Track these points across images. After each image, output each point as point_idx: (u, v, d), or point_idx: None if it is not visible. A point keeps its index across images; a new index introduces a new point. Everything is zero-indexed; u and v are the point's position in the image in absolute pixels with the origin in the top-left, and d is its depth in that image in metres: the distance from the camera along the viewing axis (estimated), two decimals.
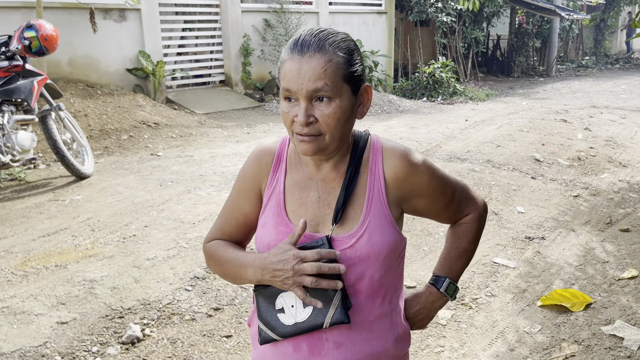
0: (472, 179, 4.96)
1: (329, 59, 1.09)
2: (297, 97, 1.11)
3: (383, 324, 1.23)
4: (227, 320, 2.71)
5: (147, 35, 7.93)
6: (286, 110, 1.13)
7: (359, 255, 1.16)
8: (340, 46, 1.12)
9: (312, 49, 1.09)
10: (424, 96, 10.99)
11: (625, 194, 4.83)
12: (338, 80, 1.10)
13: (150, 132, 6.62)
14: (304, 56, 1.09)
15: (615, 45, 22.91)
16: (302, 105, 1.10)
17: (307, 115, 1.10)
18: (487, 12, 13.48)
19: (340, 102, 1.11)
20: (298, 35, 1.13)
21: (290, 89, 1.11)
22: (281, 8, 9.48)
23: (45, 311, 2.68)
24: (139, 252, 3.31)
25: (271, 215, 1.23)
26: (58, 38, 4.61)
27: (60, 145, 4.51)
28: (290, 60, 1.11)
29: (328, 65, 1.09)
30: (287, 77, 1.11)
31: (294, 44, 1.12)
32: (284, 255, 1.11)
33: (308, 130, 1.11)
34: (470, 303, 3.00)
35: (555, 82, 14.60)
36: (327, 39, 1.12)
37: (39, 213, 4.01)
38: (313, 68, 1.09)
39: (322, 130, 1.12)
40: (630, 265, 3.41)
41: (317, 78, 1.08)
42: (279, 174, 1.25)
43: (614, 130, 7.54)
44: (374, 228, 1.17)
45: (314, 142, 1.13)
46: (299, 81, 1.09)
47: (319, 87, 1.09)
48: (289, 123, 1.14)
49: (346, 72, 1.12)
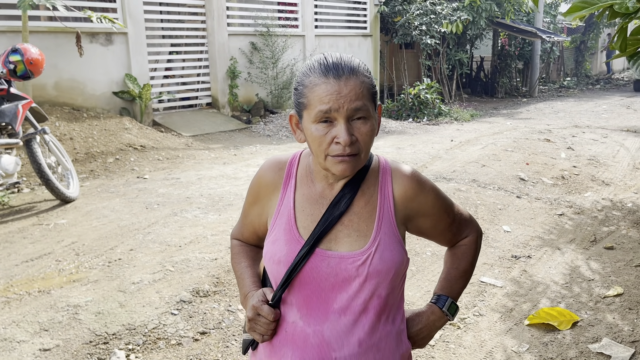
0: (459, 198, 5.00)
1: (362, 80, 1.15)
2: (335, 118, 1.14)
3: (389, 343, 1.25)
4: (214, 345, 2.68)
5: (134, 58, 7.96)
6: (322, 133, 1.15)
7: (371, 272, 1.19)
8: (366, 69, 1.19)
9: (347, 72, 1.14)
10: (410, 117, 11.10)
11: (609, 212, 4.90)
12: (369, 101, 1.16)
13: (136, 155, 6.60)
14: (341, 78, 1.13)
15: (596, 66, 23.42)
16: (342, 125, 1.13)
17: (350, 134, 1.13)
18: (470, 35, 13.74)
19: (372, 120, 1.17)
20: (324, 61, 1.17)
21: (330, 110, 1.13)
22: (267, 31, 9.58)
23: (28, 338, 2.63)
24: (125, 276, 3.27)
25: (282, 231, 1.24)
26: (43, 62, 4.61)
27: (45, 168, 4.47)
28: (326, 84, 1.13)
29: (363, 86, 1.15)
30: (325, 99, 1.13)
31: (326, 69, 1.15)
32: (250, 308, 1.26)
33: (350, 150, 1.14)
34: (458, 323, 3.00)
35: (538, 102, 14.85)
36: (354, 61, 1.17)
37: (22, 238, 3.95)
38: (352, 89, 1.13)
39: (360, 149, 1.16)
40: (616, 282, 3.44)
41: (357, 98, 1.13)
42: (288, 190, 1.27)
43: (596, 149, 7.66)
44: (385, 246, 1.20)
45: (352, 161, 1.16)
46: (340, 102, 1.12)
47: (359, 106, 1.14)
48: (326, 144, 1.15)
49: (372, 92, 1.18)
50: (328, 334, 1.20)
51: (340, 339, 1.19)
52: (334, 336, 1.19)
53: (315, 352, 1.20)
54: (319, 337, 1.20)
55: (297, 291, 1.21)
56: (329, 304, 1.20)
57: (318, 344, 1.19)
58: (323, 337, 1.19)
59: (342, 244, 1.20)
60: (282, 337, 1.24)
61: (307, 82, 1.16)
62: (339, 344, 1.19)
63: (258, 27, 9.63)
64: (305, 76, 1.17)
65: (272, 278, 1.27)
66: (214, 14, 9.05)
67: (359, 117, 1.14)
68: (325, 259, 1.19)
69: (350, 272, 1.18)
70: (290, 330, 1.22)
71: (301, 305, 1.22)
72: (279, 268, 1.22)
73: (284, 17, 10.43)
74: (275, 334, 1.25)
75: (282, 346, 1.24)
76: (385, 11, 12.43)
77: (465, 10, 12.79)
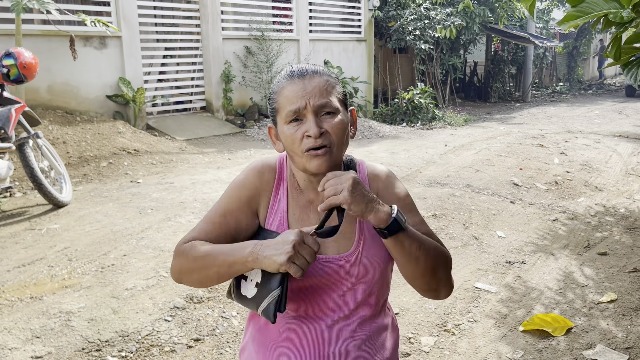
0: (453, 203, 5.01)
1: (326, 79, 1.22)
2: (304, 115, 1.18)
3: (382, 334, 1.30)
4: (208, 352, 2.66)
5: (128, 62, 7.93)
6: (293, 131, 1.18)
7: (361, 272, 1.23)
8: (330, 73, 1.26)
9: (310, 72, 1.21)
10: (404, 122, 11.13)
11: (602, 218, 4.92)
12: (336, 99, 1.21)
13: (130, 159, 6.56)
14: (305, 78, 1.20)
15: (588, 71, 23.59)
16: (310, 119, 1.17)
17: (318, 126, 1.17)
18: (463, 40, 13.81)
19: (342, 116, 1.21)
20: (290, 68, 1.24)
21: (298, 108, 1.17)
22: (262, 36, 9.58)
23: (20, 345, 2.60)
24: (118, 282, 3.25)
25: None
26: (37, 66, 4.59)
27: (38, 173, 4.44)
28: (291, 84, 1.20)
29: (327, 84, 1.21)
30: (292, 98, 1.18)
31: (291, 72, 1.22)
32: (289, 235, 1.10)
33: (321, 141, 1.17)
34: (453, 329, 2.99)
35: (531, 107, 14.93)
36: (320, 68, 1.24)
37: (14, 243, 3.92)
38: (316, 85, 1.19)
39: (331, 141, 1.18)
40: (609, 288, 3.45)
41: (321, 94, 1.18)
42: (281, 194, 1.29)
43: (589, 154, 7.71)
44: (370, 244, 1.25)
45: (325, 155, 1.17)
46: (306, 98, 1.17)
47: (325, 102, 1.18)
48: (298, 142, 1.18)
49: (340, 93, 1.23)
50: (323, 330, 1.23)
51: (335, 334, 1.23)
52: (329, 332, 1.23)
53: (312, 348, 1.23)
54: (315, 334, 1.23)
55: (291, 295, 1.23)
56: (323, 303, 1.24)
57: (314, 340, 1.22)
58: (319, 333, 1.23)
59: (330, 247, 1.24)
60: (276, 338, 1.26)
61: (276, 88, 1.24)
62: (334, 339, 1.23)
63: (252, 31, 9.63)
64: (274, 85, 1.25)
65: None
66: (209, 17, 9.04)
67: (327, 112, 1.19)
68: (318, 263, 1.22)
69: (342, 274, 1.23)
70: (284, 330, 1.25)
71: (295, 307, 1.24)
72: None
73: (278, 22, 10.44)
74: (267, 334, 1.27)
75: (276, 347, 1.26)
76: (379, 16, 12.47)
77: (458, 15, 12.85)
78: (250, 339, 1.32)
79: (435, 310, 3.18)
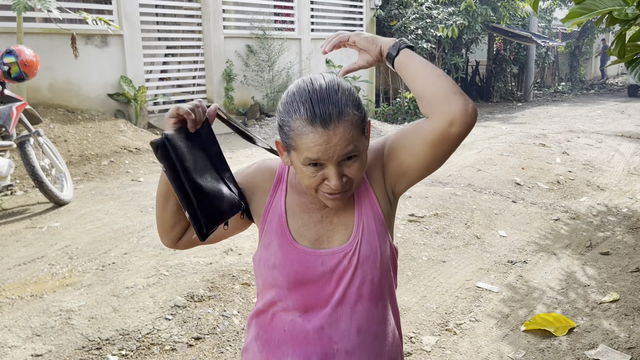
0: (454, 202, 4.99)
1: (351, 122, 1.11)
2: (325, 162, 1.12)
3: (386, 328, 1.28)
4: (209, 350, 2.66)
5: (129, 60, 7.93)
6: (312, 175, 1.14)
7: (361, 259, 1.21)
8: (352, 101, 1.13)
9: (334, 117, 1.09)
10: (405, 121, 11.11)
11: (604, 217, 4.90)
12: (359, 137, 1.14)
13: (131, 158, 6.56)
14: (329, 128, 1.09)
15: (590, 71, 23.54)
16: (332, 170, 1.12)
17: (340, 178, 1.13)
18: (465, 39, 13.78)
19: (363, 153, 1.16)
20: (309, 104, 1.09)
21: (319, 159, 1.11)
22: (264, 34, 9.57)
23: (20, 343, 2.59)
24: (118, 280, 3.24)
25: (274, 235, 1.25)
26: (38, 64, 4.58)
27: (39, 171, 4.44)
28: (314, 133, 1.09)
29: (352, 129, 1.11)
30: (314, 149, 1.10)
31: (313, 116, 1.08)
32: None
33: (341, 188, 1.15)
34: (454, 329, 2.98)
35: (533, 107, 14.90)
36: (340, 99, 1.10)
37: (15, 241, 3.92)
38: (341, 137, 1.10)
39: (352, 185, 1.17)
40: (611, 288, 3.44)
41: (347, 144, 1.11)
42: (279, 194, 1.28)
43: (591, 154, 7.68)
44: (369, 230, 1.22)
45: (344, 195, 1.17)
46: (330, 152, 1.10)
47: (350, 151, 1.12)
48: (316, 183, 1.15)
49: (362, 126, 1.15)
50: (328, 327, 1.22)
51: (340, 330, 1.22)
52: (333, 328, 1.21)
53: (317, 346, 1.22)
54: (319, 331, 1.21)
55: (295, 293, 1.22)
56: (327, 299, 1.22)
57: (319, 338, 1.21)
58: (323, 331, 1.21)
59: (332, 241, 1.23)
60: (280, 336, 1.25)
61: (293, 126, 1.11)
62: (339, 335, 1.22)
63: (254, 29, 9.62)
64: (289, 116, 1.12)
65: (266, 284, 1.27)
66: (210, 16, 9.03)
67: (350, 158, 1.13)
68: (320, 258, 1.21)
69: (344, 265, 1.21)
70: (288, 328, 1.23)
71: (299, 305, 1.23)
72: (274, 273, 1.23)
73: (280, 20, 10.43)
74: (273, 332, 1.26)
75: (280, 345, 1.25)
76: (381, 15, 12.45)
77: (461, 14, 12.83)
78: (254, 338, 1.30)
79: (437, 310, 3.17)
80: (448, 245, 4.12)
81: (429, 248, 4.04)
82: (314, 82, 1.13)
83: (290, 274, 1.21)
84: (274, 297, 1.25)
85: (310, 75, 1.16)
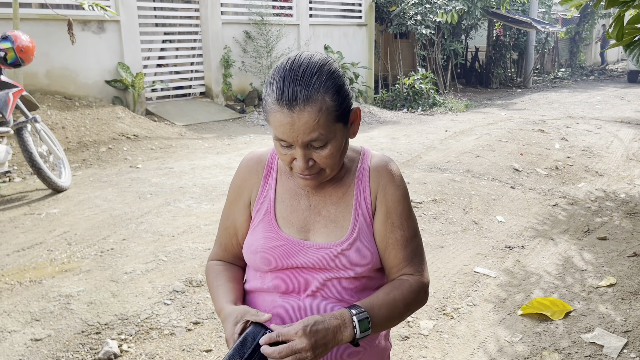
0: (453, 188, 4.99)
1: (319, 108, 1.07)
2: (292, 144, 1.12)
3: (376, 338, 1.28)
4: (207, 335, 2.67)
5: (127, 46, 7.88)
6: (283, 152, 1.15)
7: (350, 262, 1.20)
8: (328, 87, 1.09)
9: (300, 102, 1.06)
10: (404, 107, 11.08)
11: (602, 203, 4.91)
12: (330, 125, 1.11)
13: (129, 144, 6.54)
14: (294, 111, 1.07)
15: (590, 57, 23.43)
16: (299, 152, 1.12)
17: (306, 161, 1.13)
18: (465, 25, 13.69)
19: (335, 141, 1.13)
20: (281, 82, 1.08)
21: (285, 140, 1.11)
22: (262, 20, 9.50)
23: (19, 328, 2.61)
24: (117, 265, 3.25)
25: (261, 222, 1.26)
26: (34, 49, 4.55)
27: (36, 157, 4.43)
28: (280, 113, 1.08)
29: (319, 115, 1.08)
30: (279, 129, 1.10)
31: (280, 96, 1.07)
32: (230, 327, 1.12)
33: (309, 172, 1.15)
34: (452, 313, 3.00)
35: (533, 93, 14.85)
36: (313, 83, 1.07)
37: (13, 227, 3.92)
38: (305, 122, 1.07)
39: (321, 168, 1.16)
40: (608, 273, 3.45)
41: (311, 130, 1.08)
42: (269, 182, 1.28)
43: (590, 140, 7.67)
44: (364, 237, 1.21)
45: (315, 178, 1.17)
46: (293, 134, 1.09)
47: (314, 137, 1.10)
48: (288, 162, 1.16)
49: (337, 114, 1.11)
50: (307, 307, 1.22)
51: (319, 311, 1.21)
52: (313, 309, 1.21)
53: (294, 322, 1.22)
54: (299, 311, 1.22)
55: (275, 276, 1.24)
56: (307, 284, 1.22)
57: (298, 317, 1.21)
58: (302, 310, 1.22)
59: (319, 234, 1.22)
60: None
61: (267, 102, 1.11)
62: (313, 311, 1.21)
63: (252, 15, 9.55)
64: (266, 91, 1.11)
65: (250, 267, 1.31)
66: (208, 2, 8.96)
67: (316, 145, 1.12)
68: (303, 249, 1.21)
69: (327, 261, 1.20)
70: (269, 307, 1.24)
71: (279, 287, 1.24)
72: (255, 257, 1.24)
73: (278, 6, 10.34)
74: None
75: None
76: (380, 0, 12.34)
77: (460, 0, 12.73)
78: None
79: (434, 294, 3.18)
80: (446, 230, 4.13)
81: (427, 233, 4.04)
82: (296, 60, 1.11)
83: (270, 260, 1.22)
84: (256, 279, 1.28)
85: (300, 53, 1.14)
